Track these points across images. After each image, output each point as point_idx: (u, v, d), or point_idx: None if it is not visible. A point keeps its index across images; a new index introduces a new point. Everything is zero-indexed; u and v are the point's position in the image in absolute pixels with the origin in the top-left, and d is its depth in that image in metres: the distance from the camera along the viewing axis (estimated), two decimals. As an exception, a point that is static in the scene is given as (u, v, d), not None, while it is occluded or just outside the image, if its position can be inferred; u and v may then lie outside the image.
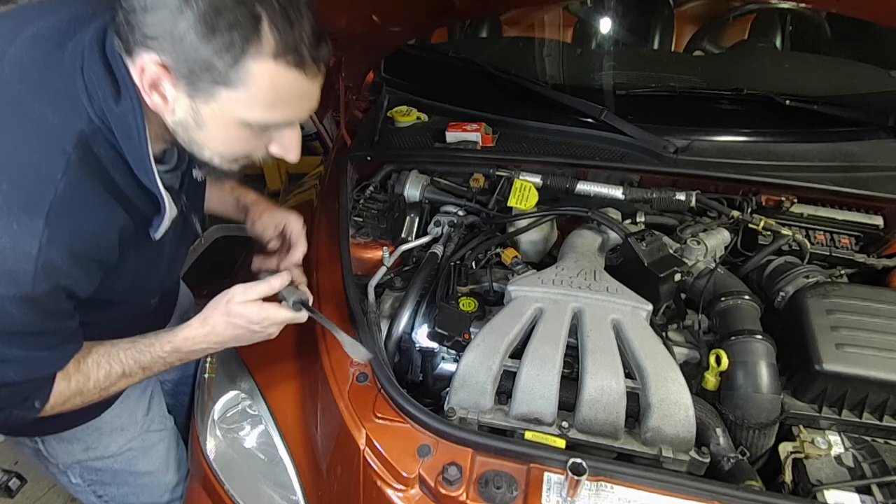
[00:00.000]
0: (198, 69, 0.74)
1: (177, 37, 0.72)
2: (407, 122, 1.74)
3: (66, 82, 0.78)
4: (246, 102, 0.78)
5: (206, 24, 0.71)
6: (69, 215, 0.78)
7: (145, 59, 0.75)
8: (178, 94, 0.78)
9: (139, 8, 0.72)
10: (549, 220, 1.46)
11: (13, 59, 0.79)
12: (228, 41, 0.72)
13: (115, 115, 0.79)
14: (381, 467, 0.97)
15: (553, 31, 2.07)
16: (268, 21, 0.73)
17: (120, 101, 0.79)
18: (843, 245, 1.41)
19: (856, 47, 1.86)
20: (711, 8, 2.26)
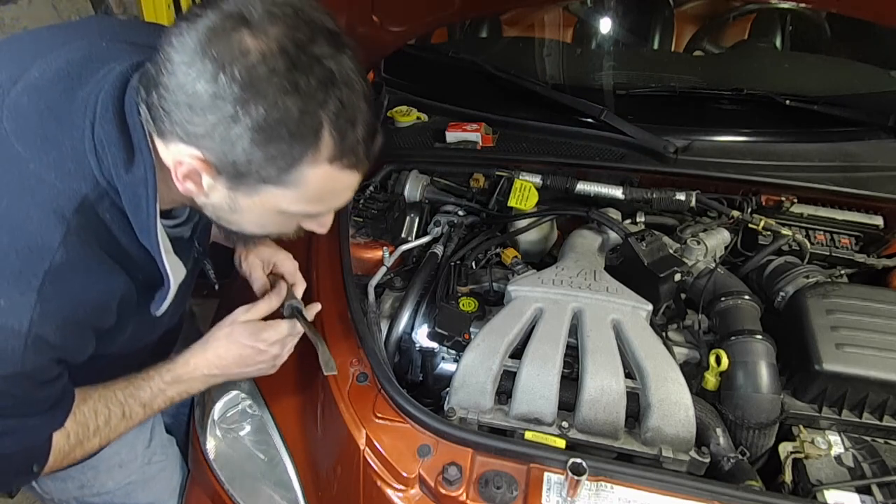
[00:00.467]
0: (245, 171, 0.69)
1: (227, 140, 0.66)
2: (407, 122, 1.74)
3: (73, 140, 0.71)
4: (292, 199, 0.74)
5: (263, 132, 0.65)
6: (65, 286, 0.72)
7: (184, 153, 0.69)
8: (215, 185, 0.73)
9: (184, 104, 0.65)
10: (549, 220, 1.46)
11: (14, 106, 0.72)
12: (286, 150, 0.67)
13: (124, 183, 0.73)
14: (381, 467, 0.97)
15: (553, 31, 2.07)
16: (328, 127, 0.68)
17: (131, 169, 0.72)
18: (843, 245, 1.41)
19: (856, 47, 1.86)
20: (711, 8, 2.25)
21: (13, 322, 0.69)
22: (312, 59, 0.66)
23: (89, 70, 0.75)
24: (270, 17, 0.65)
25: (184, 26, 0.66)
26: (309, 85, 0.65)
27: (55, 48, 0.77)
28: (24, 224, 0.69)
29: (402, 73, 1.89)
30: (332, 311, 1.22)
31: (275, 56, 0.64)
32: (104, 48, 0.78)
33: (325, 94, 0.66)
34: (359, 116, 0.70)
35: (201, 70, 0.64)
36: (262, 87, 0.64)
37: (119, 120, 0.72)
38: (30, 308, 0.70)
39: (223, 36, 0.64)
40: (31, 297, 0.69)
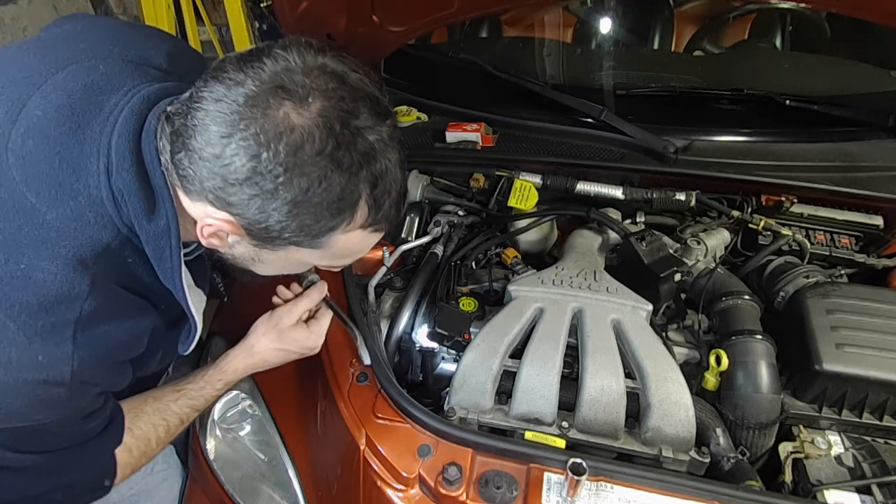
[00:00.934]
0: (276, 236, 0.69)
1: (262, 212, 0.65)
2: (407, 122, 1.74)
3: (88, 188, 0.69)
4: (318, 257, 0.76)
5: (301, 206, 0.65)
6: (97, 331, 0.71)
7: (213, 215, 0.68)
8: (241, 241, 0.73)
9: (219, 174, 0.64)
10: (549, 220, 1.46)
11: (20, 152, 0.68)
12: (322, 222, 0.67)
13: (147, 233, 0.71)
14: (381, 467, 0.97)
15: (553, 31, 2.07)
16: (365, 198, 0.68)
17: (153, 219, 0.71)
18: (843, 245, 1.41)
19: (856, 47, 1.85)
20: (711, 8, 2.25)
21: (55, 374, 0.69)
22: (355, 132, 0.65)
23: (93, 104, 0.72)
24: (313, 88, 0.63)
25: (220, 91, 0.63)
26: (351, 161, 0.64)
27: (48, 76, 0.73)
28: (48, 278, 0.67)
29: (402, 73, 1.89)
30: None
31: (319, 134, 0.62)
32: (102, 73, 0.75)
33: (366, 168, 0.66)
34: (394, 185, 0.70)
35: (241, 146, 0.62)
36: (305, 166, 0.63)
37: (138, 168, 0.70)
38: (68, 358, 0.69)
39: (265, 110, 0.62)
40: (67, 349, 0.69)
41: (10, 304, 0.66)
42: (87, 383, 0.74)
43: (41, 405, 0.70)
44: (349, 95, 0.65)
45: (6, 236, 0.67)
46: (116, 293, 0.74)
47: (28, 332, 0.67)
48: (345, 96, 0.65)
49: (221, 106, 0.62)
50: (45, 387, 0.69)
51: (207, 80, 0.65)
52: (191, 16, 3.20)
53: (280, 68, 0.64)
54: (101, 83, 0.74)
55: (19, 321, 0.66)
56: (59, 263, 0.67)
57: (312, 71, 0.64)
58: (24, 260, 0.67)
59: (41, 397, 0.69)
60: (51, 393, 0.70)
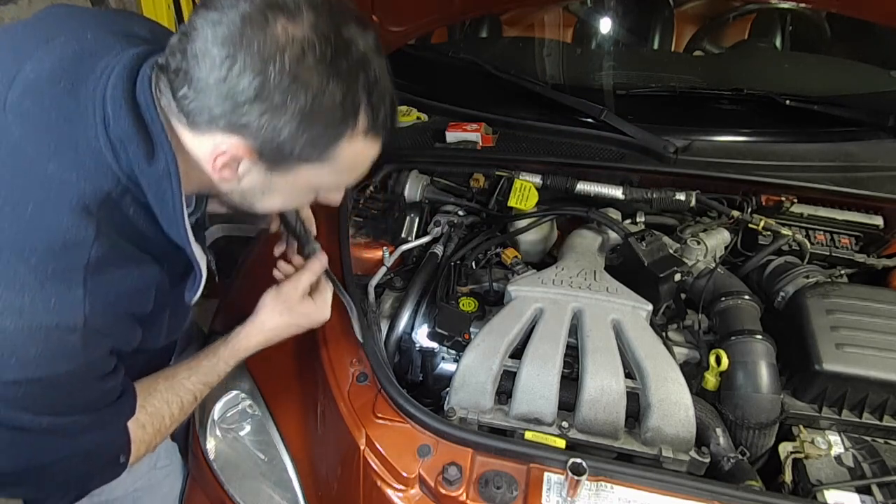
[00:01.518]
0: (288, 153, 0.72)
1: (273, 128, 0.68)
2: (407, 122, 1.74)
3: (87, 139, 0.71)
4: (326, 173, 0.78)
5: (309, 117, 0.68)
6: (106, 278, 0.73)
7: (226, 142, 0.70)
8: (252, 169, 0.75)
9: (227, 97, 0.66)
10: (549, 220, 1.46)
11: (17, 108, 0.71)
12: (329, 131, 0.71)
13: (148, 177, 0.73)
14: (381, 467, 0.97)
15: (553, 31, 2.07)
16: (364, 104, 0.71)
17: (154, 163, 0.72)
18: (843, 245, 1.41)
19: (856, 47, 1.86)
20: (711, 8, 2.26)
21: (68, 319, 0.70)
22: (347, 41, 0.68)
23: (85, 66, 0.74)
24: (302, 3, 0.66)
25: (213, 17, 0.65)
26: (349, 68, 0.68)
27: (39, 46, 0.75)
28: (54, 225, 0.69)
29: (402, 73, 1.87)
30: (333, 310, 1.21)
31: (318, 44, 0.65)
32: (91, 41, 0.77)
33: (362, 74, 0.69)
34: (387, 91, 0.74)
35: (246, 64, 0.64)
36: (310, 75, 0.65)
37: (134, 115, 0.71)
38: (80, 303, 0.70)
39: (262, 26, 0.64)
40: (79, 293, 0.70)
41: (20, 249, 0.67)
42: (99, 333, 0.74)
43: (55, 354, 0.70)
44: (335, 8, 0.69)
45: (11, 189, 0.69)
46: (122, 244, 0.75)
47: (39, 277, 0.68)
48: (332, 9, 0.68)
49: (220, 29, 0.65)
50: (59, 333, 0.70)
51: (199, 11, 0.67)
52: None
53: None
54: (90, 49, 0.76)
55: (30, 265, 0.67)
56: (64, 211, 0.69)
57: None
58: (30, 209, 0.68)
59: (55, 345, 0.70)
60: (64, 340, 0.70)
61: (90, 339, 0.72)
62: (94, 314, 0.71)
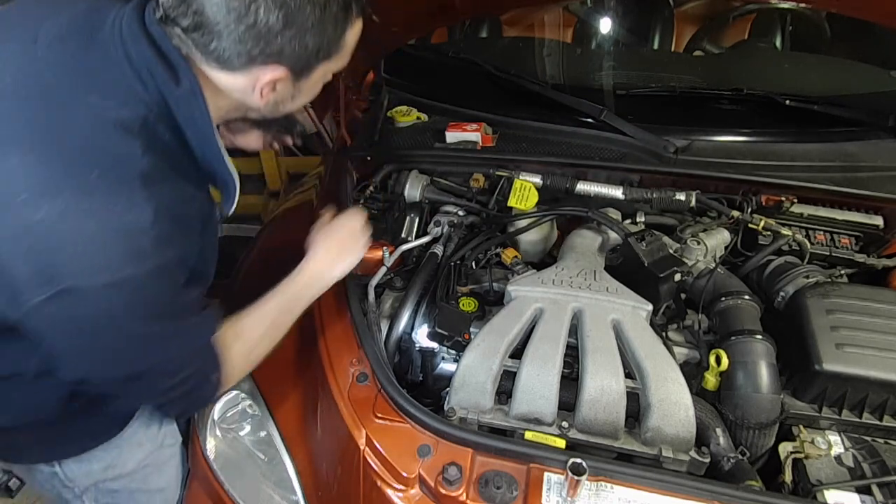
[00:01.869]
0: (313, 60, 0.83)
1: (302, 45, 0.79)
2: (407, 122, 1.74)
3: (114, 74, 0.78)
4: (336, 62, 0.89)
5: (323, 25, 0.79)
6: (159, 188, 0.79)
7: (269, 71, 0.80)
8: (285, 83, 0.85)
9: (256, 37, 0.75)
10: (549, 220, 1.46)
11: (46, 59, 0.78)
12: (340, 28, 0.83)
13: (176, 97, 0.80)
14: (381, 467, 0.97)
15: (553, 31, 2.07)
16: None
17: (179, 85, 0.80)
18: (843, 245, 1.41)
19: (856, 47, 1.86)
20: (711, 8, 2.26)
21: (137, 220, 0.76)
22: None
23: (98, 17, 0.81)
24: None
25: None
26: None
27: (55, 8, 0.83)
28: (105, 143, 0.75)
29: (402, 73, 1.89)
30: (332, 311, 1.22)
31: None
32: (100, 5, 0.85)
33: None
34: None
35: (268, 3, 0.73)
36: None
37: (154, 46, 0.78)
38: (144, 205, 0.76)
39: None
40: (141, 195, 0.76)
41: (80, 168, 0.74)
42: (165, 236, 0.78)
43: (129, 256, 0.76)
44: None
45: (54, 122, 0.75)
46: (165, 163, 0.81)
47: (103, 186, 0.74)
48: None
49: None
50: (132, 234, 0.76)
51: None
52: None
53: None
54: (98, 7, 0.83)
55: (91, 178, 0.73)
56: (110, 132, 0.76)
57: None
58: (79, 134, 0.75)
59: (131, 245, 0.76)
60: (137, 241, 0.76)
61: (159, 242, 0.78)
62: (158, 218, 0.77)
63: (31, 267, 0.73)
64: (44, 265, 0.73)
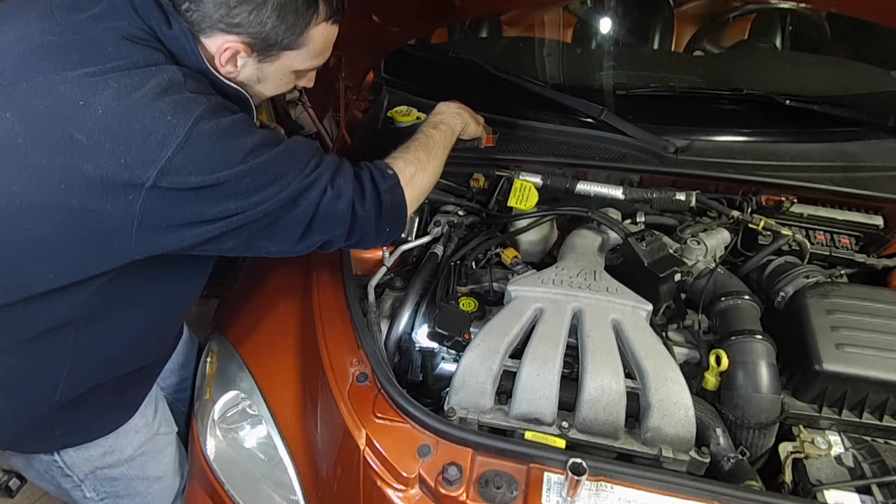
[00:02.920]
0: (273, 42, 0.95)
1: (259, 22, 0.91)
2: (407, 122, 1.74)
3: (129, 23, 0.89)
4: (302, 57, 1.01)
5: (283, 8, 0.91)
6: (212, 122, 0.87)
7: (228, 40, 0.93)
8: (248, 61, 0.97)
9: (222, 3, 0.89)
10: (549, 220, 1.46)
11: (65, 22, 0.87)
12: (300, 18, 0.94)
13: (169, 38, 0.92)
14: (381, 467, 0.97)
15: (553, 31, 2.07)
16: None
17: (171, 28, 0.91)
18: (843, 245, 1.41)
19: (856, 47, 1.86)
20: (711, 8, 2.25)
21: (171, 76, 0.87)
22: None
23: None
24: None
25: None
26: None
27: None
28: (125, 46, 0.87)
29: (402, 73, 1.89)
30: (333, 311, 1.22)
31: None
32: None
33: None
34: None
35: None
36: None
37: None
38: (176, 69, 0.89)
39: None
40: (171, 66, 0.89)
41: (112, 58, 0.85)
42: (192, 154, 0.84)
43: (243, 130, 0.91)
44: None
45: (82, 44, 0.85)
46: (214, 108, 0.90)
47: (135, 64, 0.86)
48: None
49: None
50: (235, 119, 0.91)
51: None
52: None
53: None
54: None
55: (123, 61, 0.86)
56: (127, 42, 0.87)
57: None
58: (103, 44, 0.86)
59: (240, 126, 0.91)
60: (241, 121, 0.92)
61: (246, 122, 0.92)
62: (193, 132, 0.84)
63: (123, 157, 0.81)
64: (134, 149, 0.81)
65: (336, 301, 1.23)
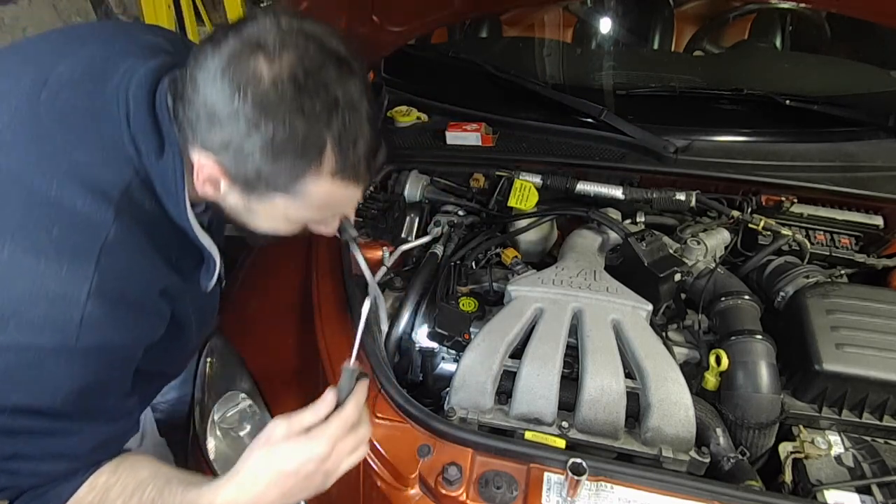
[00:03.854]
0: (257, 181, 0.76)
1: (241, 153, 0.73)
2: (407, 122, 1.74)
3: (112, 132, 0.77)
4: (297, 207, 0.81)
5: (272, 148, 0.72)
6: (119, 261, 0.76)
7: (204, 160, 0.76)
8: (231, 190, 0.80)
9: (205, 118, 0.73)
10: (549, 220, 1.46)
11: (50, 104, 0.77)
12: (292, 165, 0.74)
13: (156, 171, 0.79)
14: (381, 467, 0.97)
15: (553, 31, 2.07)
16: (331, 146, 0.74)
17: (162, 157, 0.79)
18: (843, 245, 1.41)
19: (856, 47, 1.85)
20: (711, 8, 2.25)
21: (72, 290, 0.72)
22: (320, 84, 0.72)
23: (111, 67, 0.81)
24: (284, 44, 0.72)
25: (209, 50, 0.73)
26: (314, 108, 0.72)
27: (73, 49, 0.84)
28: (77, 203, 0.74)
29: (402, 73, 1.89)
30: (333, 310, 1.22)
31: (285, 82, 0.70)
32: (118, 49, 0.85)
33: (330, 116, 0.73)
34: (360, 137, 0.76)
35: (221, 90, 0.71)
36: (271, 109, 0.70)
37: (151, 115, 0.79)
38: (88, 277, 0.73)
39: (242, 61, 0.71)
40: (89, 268, 0.73)
41: (44, 222, 0.73)
42: (99, 317, 0.74)
43: (51, 325, 0.72)
44: (318, 53, 0.73)
45: (38, 170, 0.74)
46: (137, 233, 0.79)
47: (57, 247, 0.72)
48: (314, 53, 0.73)
49: (208, 62, 0.72)
50: (60, 304, 0.72)
51: (202, 45, 0.75)
52: (191, 15, 3.20)
53: (259, 28, 0.73)
54: (117, 53, 0.84)
55: (51, 236, 0.72)
56: (87, 193, 0.74)
57: (288, 31, 0.73)
58: (55, 188, 0.74)
59: (55, 316, 0.72)
60: (64, 312, 0.72)
61: (88, 318, 0.73)
62: (98, 294, 0.73)
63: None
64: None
65: (336, 301, 1.23)
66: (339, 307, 1.22)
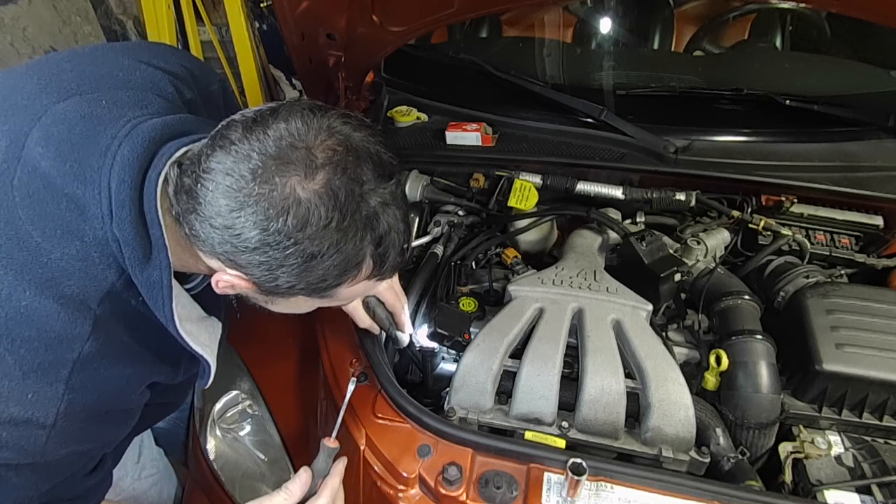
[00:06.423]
0: (284, 293, 0.72)
1: (272, 273, 0.68)
2: (407, 122, 1.74)
3: (94, 230, 0.68)
4: (325, 302, 0.79)
5: (308, 269, 0.68)
6: (93, 375, 0.71)
7: (226, 271, 0.70)
8: (252, 291, 0.75)
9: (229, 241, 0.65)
10: (549, 220, 1.46)
11: (26, 189, 0.68)
12: (328, 281, 0.70)
13: (140, 282, 0.71)
14: (381, 467, 0.97)
15: (553, 31, 2.06)
16: (370, 256, 0.70)
17: (147, 269, 0.71)
18: (843, 245, 1.41)
19: (856, 47, 1.85)
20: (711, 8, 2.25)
21: (40, 414, 0.68)
22: (359, 198, 0.67)
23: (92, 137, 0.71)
24: (317, 158, 0.65)
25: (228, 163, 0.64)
26: (356, 228, 0.67)
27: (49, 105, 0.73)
28: (51, 316, 0.67)
29: (402, 73, 1.89)
30: (333, 311, 1.22)
31: (324, 207, 0.64)
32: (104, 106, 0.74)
33: (370, 230, 0.69)
34: (397, 240, 0.72)
35: (251, 219, 0.64)
36: (312, 237, 0.65)
37: (138, 217, 0.69)
38: (57, 400, 0.68)
39: (272, 184, 0.63)
40: (59, 388, 0.68)
41: (10, 338, 0.66)
42: (66, 433, 0.70)
43: (15, 447, 0.68)
44: (353, 161, 0.67)
45: (11, 274, 0.66)
46: (118, 339, 0.73)
47: (24, 367, 0.66)
48: (349, 164, 0.66)
49: (230, 181, 0.64)
50: (27, 426, 0.68)
51: (215, 150, 0.66)
52: (191, 16, 3.20)
53: (285, 138, 0.65)
54: (100, 115, 0.73)
55: (17, 355, 0.66)
56: (62, 303, 0.67)
57: (317, 137, 0.66)
58: (27, 297, 0.66)
59: (19, 437, 0.68)
60: (29, 434, 0.68)
61: (55, 437, 0.70)
62: (67, 414, 0.69)
63: None
64: None
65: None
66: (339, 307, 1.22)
